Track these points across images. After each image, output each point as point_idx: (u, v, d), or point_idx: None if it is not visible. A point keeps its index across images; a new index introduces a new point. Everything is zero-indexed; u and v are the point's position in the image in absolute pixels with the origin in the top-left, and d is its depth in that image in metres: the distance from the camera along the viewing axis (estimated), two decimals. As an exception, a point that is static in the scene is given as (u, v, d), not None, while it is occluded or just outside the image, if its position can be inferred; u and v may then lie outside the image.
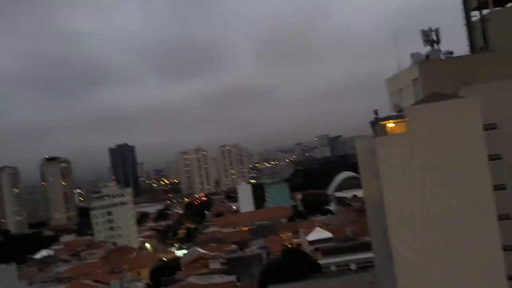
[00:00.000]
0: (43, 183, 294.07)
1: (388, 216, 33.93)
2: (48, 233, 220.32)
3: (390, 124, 35.51)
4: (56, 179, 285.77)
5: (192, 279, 73.14)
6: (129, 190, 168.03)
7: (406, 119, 33.68)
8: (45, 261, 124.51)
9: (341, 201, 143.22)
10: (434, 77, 40.08)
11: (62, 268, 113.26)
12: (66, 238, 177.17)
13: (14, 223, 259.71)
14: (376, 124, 35.57)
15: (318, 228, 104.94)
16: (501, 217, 32.83)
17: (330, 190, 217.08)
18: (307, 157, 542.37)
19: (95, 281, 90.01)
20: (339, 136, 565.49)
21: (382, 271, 40.02)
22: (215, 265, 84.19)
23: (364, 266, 67.71)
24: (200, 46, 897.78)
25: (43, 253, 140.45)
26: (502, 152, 34.76)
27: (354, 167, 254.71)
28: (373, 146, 37.36)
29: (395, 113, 37.39)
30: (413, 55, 43.52)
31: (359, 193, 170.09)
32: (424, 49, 45.61)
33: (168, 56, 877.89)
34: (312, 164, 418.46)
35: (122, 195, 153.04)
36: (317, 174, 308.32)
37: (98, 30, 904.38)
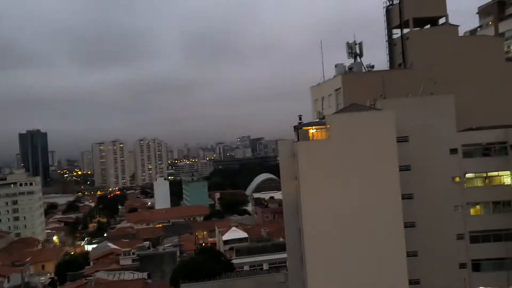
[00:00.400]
0: None
1: (303, 218, 34.95)
2: None
3: (312, 130, 36.69)
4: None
5: (101, 275, 70.23)
6: (38, 179, 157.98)
7: (327, 126, 35.01)
8: None
9: (258, 202, 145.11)
10: (355, 88, 42.09)
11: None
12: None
13: None
14: (299, 129, 36.52)
15: (233, 228, 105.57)
16: (407, 225, 35.13)
17: (248, 191, 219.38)
18: (228, 157, 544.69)
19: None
20: (260, 138, 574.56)
21: (293, 271, 41.13)
22: (126, 261, 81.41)
23: (277, 266, 69.22)
24: (125, 36, 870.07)
25: None
26: (411, 163, 37.29)
27: (273, 169, 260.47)
28: (294, 150, 38.45)
29: (317, 120, 38.71)
30: (337, 66, 45.37)
31: (277, 194, 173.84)
32: (348, 61, 47.86)
33: (91, 43, 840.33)
34: (233, 164, 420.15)
35: (30, 184, 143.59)
36: (237, 174, 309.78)
37: (14, 9, 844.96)
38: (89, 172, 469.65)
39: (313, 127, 36.35)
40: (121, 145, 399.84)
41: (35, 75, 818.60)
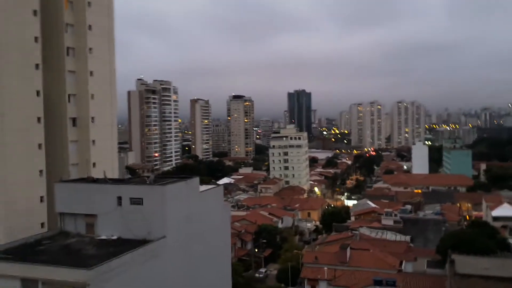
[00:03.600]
0: (228, 117, 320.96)
1: None
2: (229, 163, 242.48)
3: None
4: (240, 115, 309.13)
5: (364, 231, 72.63)
6: (305, 135, 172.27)
7: None
8: (227, 187, 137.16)
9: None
10: None
11: (241, 196, 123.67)
12: (244, 170, 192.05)
13: (201, 150, 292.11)
14: None
15: (506, 204, 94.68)
16: None
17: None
18: (496, 125, 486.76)
19: (270, 213, 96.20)
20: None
21: None
22: (387, 221, 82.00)
23: None
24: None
25: (225, 180, 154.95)
26: None
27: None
28: None
29: None
30: None
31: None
32: None
33: (349, 3, 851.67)
34: (502, 133, 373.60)
35: (299, 138, 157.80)
36: (506, 144, 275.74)
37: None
38: (346, 131, 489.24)
39: None
40: (379, 107, 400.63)
41: (299, 39, 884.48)
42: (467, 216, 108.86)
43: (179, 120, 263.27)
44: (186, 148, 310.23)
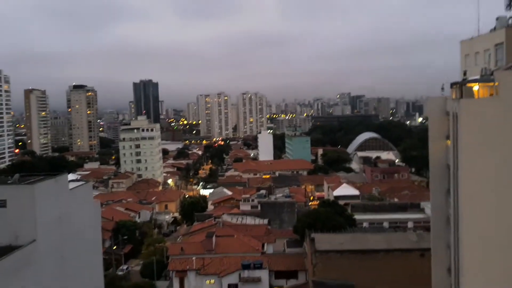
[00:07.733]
0: (68, 109, 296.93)
1: (461, 180, 33.64)
2: (72, 158, 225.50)
3: (476, 87, 34.65)
4: (82, 107, 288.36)
5: (225, 218, 74.57)
6: (157, 126, 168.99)
7: (495, 83, 32.78)
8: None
9: (367, 161, 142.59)
10: (522, 43, 38.57)
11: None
12: (90, 165, 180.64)
13: (39, 145, 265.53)
14: (463, 85, 34.67)
15: (345, 184, 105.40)
16: None
17: (350, 149, 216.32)
18: (327, 114, 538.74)
19: (127, 209, 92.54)
20: (361, 96, 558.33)
21: (437, 232, 40.22)
22: (245, 207, 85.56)
23: (398, 226, 68.48)
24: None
25: (70, 176, 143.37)
26: None
27: (376, 128, 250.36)
28: (448, 108, 36.77)
29: (481, 77, 36.38)
30: (499, 19, 41.75)
31: (383, 154, 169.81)
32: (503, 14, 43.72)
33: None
34: (332, 121, 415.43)
35: (152, 130, 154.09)
36: (337, 131, 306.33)
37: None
38: (194, 122, 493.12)
39: (477, 84, 34.22)
40: (226, 98, 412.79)
41: (139, 28, 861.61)
42: (311, 197, 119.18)
43: (12, 113, 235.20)
44: (20, 143, 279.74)
